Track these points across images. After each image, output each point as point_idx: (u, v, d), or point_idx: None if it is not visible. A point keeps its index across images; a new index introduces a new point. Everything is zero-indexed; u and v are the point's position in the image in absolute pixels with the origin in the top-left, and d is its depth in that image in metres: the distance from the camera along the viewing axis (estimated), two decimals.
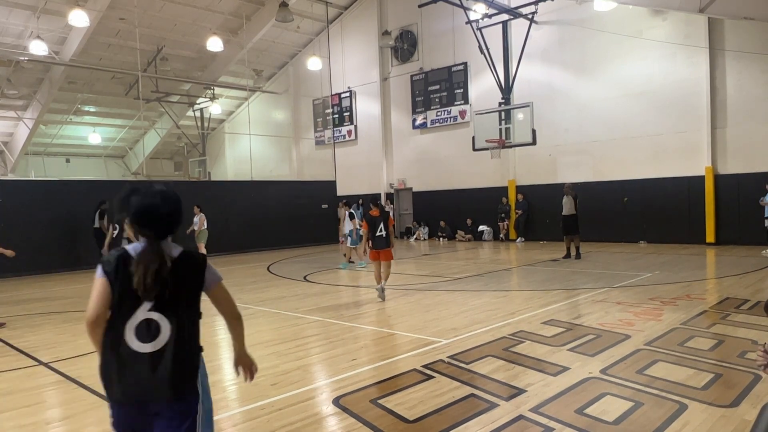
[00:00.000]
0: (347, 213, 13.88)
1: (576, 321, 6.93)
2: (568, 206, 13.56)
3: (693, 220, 16.03)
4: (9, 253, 8.16)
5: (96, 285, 2.27)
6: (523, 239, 19.32)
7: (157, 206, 2.31)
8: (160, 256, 2.25)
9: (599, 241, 16.93)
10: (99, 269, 2.28)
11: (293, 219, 20.66)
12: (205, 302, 2.41)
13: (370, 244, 9.09)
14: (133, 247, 2.30)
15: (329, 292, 10.32)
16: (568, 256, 13.70)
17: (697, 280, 9.97)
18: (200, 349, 2.43)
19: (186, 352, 2.31)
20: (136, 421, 2.27)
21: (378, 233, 9.03)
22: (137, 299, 2.23)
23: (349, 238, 13.86)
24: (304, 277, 12.03)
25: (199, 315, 2.41)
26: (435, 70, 21.71)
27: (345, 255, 14.31)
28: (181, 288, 2.31)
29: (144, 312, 2.25)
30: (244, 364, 2.63)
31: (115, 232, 9.42)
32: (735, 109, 15.29)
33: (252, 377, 2.64)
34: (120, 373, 2.24)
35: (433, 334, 6.57)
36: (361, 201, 23.68)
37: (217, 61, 24.69)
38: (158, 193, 2.33)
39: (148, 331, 2.25)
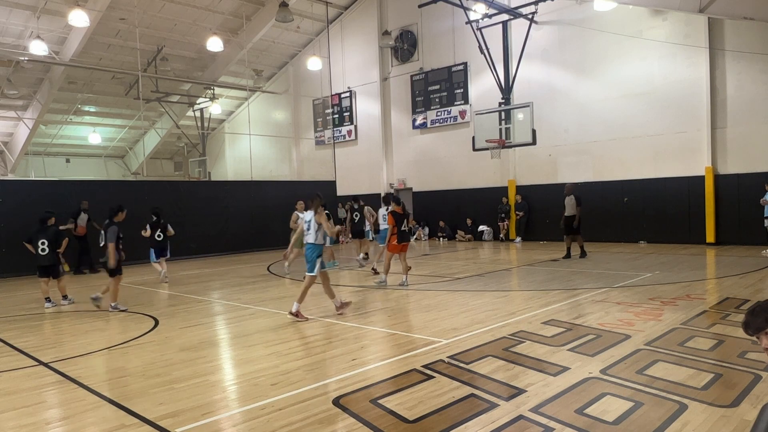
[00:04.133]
0: (324, 214, 13.85)
1: (576, 321, 6.93)
2: (570, 206, 13.62)
3: (693, 220, 16.03)
4: None
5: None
6: (521, 239, 19.31)
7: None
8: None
9: (599, 241, 16.91)
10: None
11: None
12: (206, 305, 2.41)
13: (396, 238, 10.17)
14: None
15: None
16: (568, 256, 13.74)
17: (697, 280, 9.97)
18: None
19: None
20: None
21: (403, 228, 10.31)
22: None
23: (328, 239, 13.92)
24: (304, 277, 12.01)
25: None
26: (435, 70, 21.71)
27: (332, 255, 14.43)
28: None
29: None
30: None
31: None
32: (735, 109, 15.28)
33: None
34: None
35: (433, 334, 6.57)
36: (362, 202, 23.65)
37: (217, 61, 24.69)
38: None
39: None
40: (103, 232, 8.97)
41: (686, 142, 16.01)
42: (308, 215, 7.95)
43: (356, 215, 15.09)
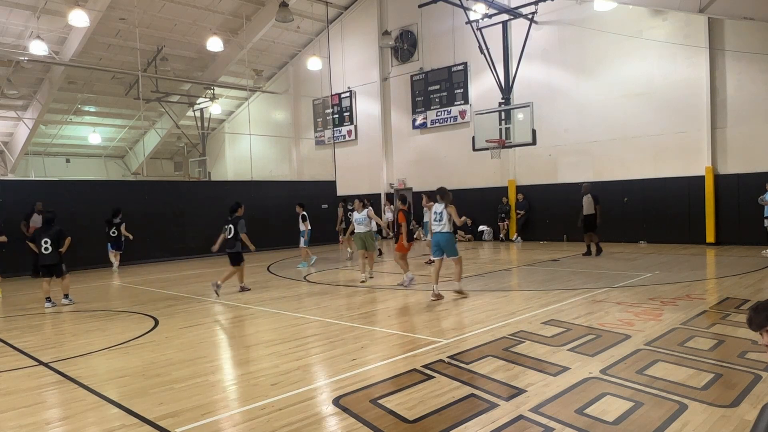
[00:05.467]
0: (301, 215, 14.11)
1: (576, 321, 6.92)
2: (587, 205, 13.94)
3: (693, 220, 16.03)
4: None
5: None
6: (521, 239, 19.30)
7: None
8: None
9: (599, 241, 16.88)
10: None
11: (293, 219, 20.61)
12: (206, 305, 2.41)
13: (406, 238, 10.05)
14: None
15: (329, 292, 10.32)
16: (588, 253, 14.13)
17: (697, 280, 9.97)
18: None
19: None
20: None
21: (410, 227, 10.22)
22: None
23: (302, 239, 14.25)
24: (304, 277, 12.02)
25: None
26: (435, 70, 21.71)
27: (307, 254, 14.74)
28: None
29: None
30: None
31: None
32: (735, 109, 15.29)
33: None
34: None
35: (433, 334, 6.57)
36: (366, 201, 23.66)
37: (217, 61, 24.69)
38: None
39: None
40: (230, 226, 10.30)
41: (686, 142, 16.01)
42: (439, 207, 8.83)
43: (350, 215, 15.55)
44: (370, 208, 11.42)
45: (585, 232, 14.22)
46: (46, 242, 9.57)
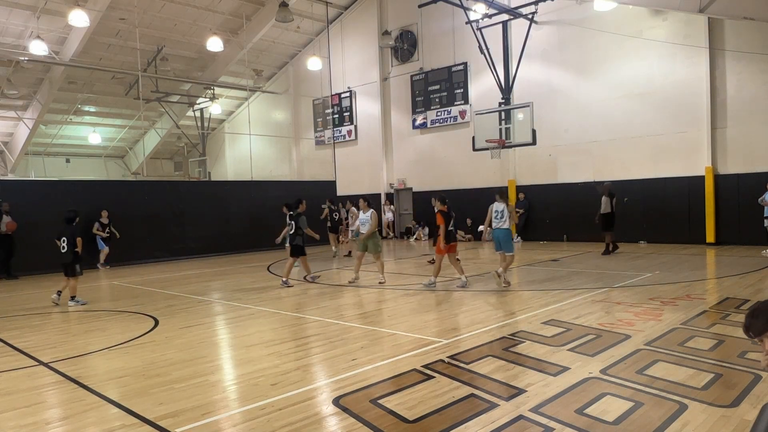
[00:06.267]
0: (288, 215, 14.06)
1: (576, 321, 6.92)
2: (605, 204, 14.31)
3: (693, 220, 16.02)
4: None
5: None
6: (520, 238, 19.28)
7: None
8: None
9: (599, 240, 16.88)
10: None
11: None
12: (206, 305, 2.41)
13: (445, 239, 9.89)
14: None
15: (329, 292, 10.32)
16: (608, 251, 14.40)
17: (697, 280, 9.97)
18: None
19: None
20: None
21: (449, 228, 10.06)
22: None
23: (287, 239, 14.20)
24: (304, 278, 12.02)
25: None
26: (435, 70, 21.71)
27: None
28: None
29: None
30: None
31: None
32: (735, 109, 15.28)
33: None
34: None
35: (433, 334, 6.57)
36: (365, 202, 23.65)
37: (217, 61, 24.69)
38: None
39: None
40: (292, 222, 11.23)
41: (686, 142, 16.01)
42: (500, 206, 9.83)
43: (335, 215, 16.78)
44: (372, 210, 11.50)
45: (603, 231, 14.56)
46: (64, 241, 9.74)
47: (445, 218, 10.02)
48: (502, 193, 10.11)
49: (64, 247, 9.72)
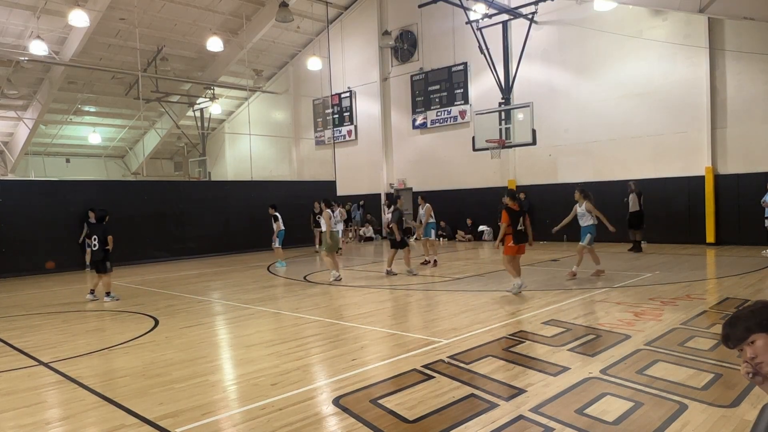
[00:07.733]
0: (272, 215, 14.64)
1: (576, 321, 6.92)
2: (633, 203, 14.67)
3: (693, 220, 16.02)
4: None
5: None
6: None
7: None
8: None
9: (599, 240, 16.83)
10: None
11: (293, 219, 20.66)
12: (206, 305, 2.41)
13: (512, 240, 9.10)
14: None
15: (329, 292, 10.32)
16: (634, 248, 14.68)
17: (697, 280, 9.97)
18: None
19: None
20: None
21: (519, 227, 9.20)
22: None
23: (277, 239, 14.71)
24: (304, 277, 12.03)
25: None
26: (435, 70, 21.71)
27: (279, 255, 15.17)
28: None
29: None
30: None
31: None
32: (735, 109, 15.28)
33: None
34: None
35: (433, 334, 6.57)
36: (362, 202, 23.76)
37: (217, 61, 24.69)
38: None
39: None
40: (390, 215, 12.33)
41: (686, 142, 16.01)
42: (583, 207, 10.87)
43: (319, 217, 16.45)
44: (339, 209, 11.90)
45: (630, 228, 14.75)
46: (95, 239, 9.97)
47: (513, 216, 9.13)
48: (587, 194, 11.15)
49: (95, 245, 9.95)
